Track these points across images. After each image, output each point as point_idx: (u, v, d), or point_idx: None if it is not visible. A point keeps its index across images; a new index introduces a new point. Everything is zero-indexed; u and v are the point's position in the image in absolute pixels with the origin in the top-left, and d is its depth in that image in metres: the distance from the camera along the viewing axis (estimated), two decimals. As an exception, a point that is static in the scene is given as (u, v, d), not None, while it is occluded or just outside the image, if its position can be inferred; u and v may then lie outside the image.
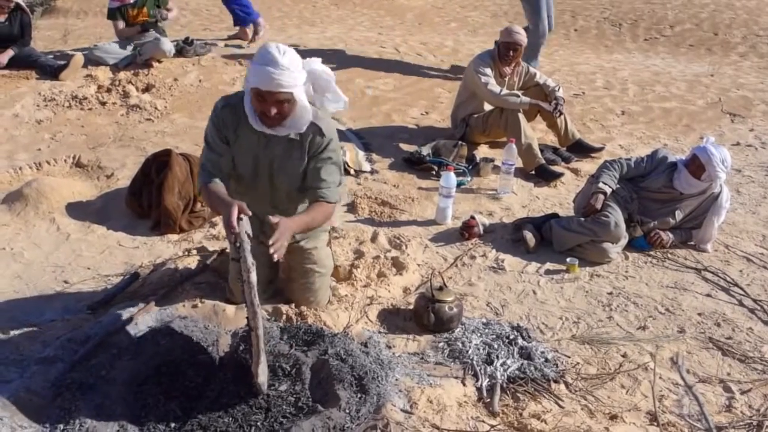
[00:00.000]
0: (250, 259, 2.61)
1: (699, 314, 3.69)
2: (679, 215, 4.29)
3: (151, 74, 6.69)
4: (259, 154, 3.10)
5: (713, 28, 10.83)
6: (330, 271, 3.56)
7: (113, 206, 4.59)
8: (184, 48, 7.31)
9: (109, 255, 4.08)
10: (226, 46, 8.01)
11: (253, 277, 2.60)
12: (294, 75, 2.82)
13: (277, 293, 3.51)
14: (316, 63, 3.03)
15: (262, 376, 2.69)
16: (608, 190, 4.19)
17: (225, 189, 3.07)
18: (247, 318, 2.67)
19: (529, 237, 4.22)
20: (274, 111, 2.89)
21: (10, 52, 6.58)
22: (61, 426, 2.59)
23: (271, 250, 2.67)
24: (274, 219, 2.75)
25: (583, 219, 4.18)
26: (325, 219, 3.14)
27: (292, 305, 3.43)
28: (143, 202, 4.42)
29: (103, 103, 6.18)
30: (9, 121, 5.83)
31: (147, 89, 6.45)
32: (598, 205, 4.14)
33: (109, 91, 6.40)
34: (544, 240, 4.28)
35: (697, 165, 4.12)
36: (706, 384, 3.15)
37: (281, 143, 3.07)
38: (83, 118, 5.96)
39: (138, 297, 3.48)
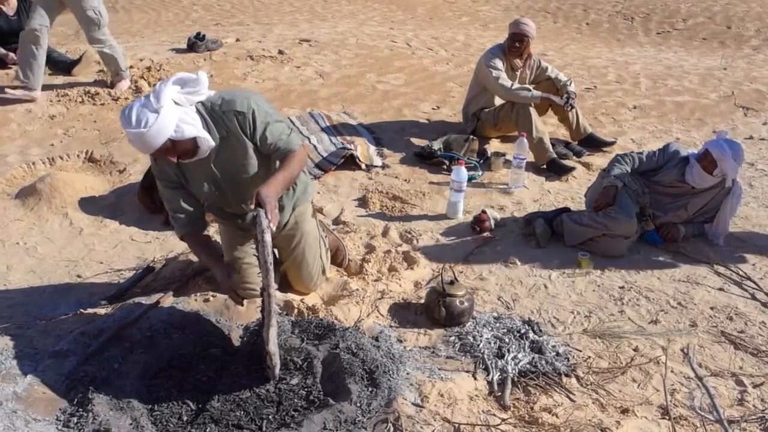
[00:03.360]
0: (265, 223, 2.63)
1: (711, 308, 3.67)
2: (691, 209, 4.26)
3: (163, 69, 6.72)
4: (213, 171, 3.06)
5: (726, 21, 10.77)
6: (317, 243, 3.54)
7: (126, 201, 4.62)
8: (195, 43, 7.34)
9: (122, 249, 4.10)
10: (237, 40, 8.02)
11: (267, 237, 2.62)
12: (153, 130, 2.71)
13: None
14: (168, 87, 2.79)
15: (273, 345, 2.70)
16: (619, 184, 4.17)
17: (205, 239, 3.19)
18: (262, 280, 2.70)
19: (540, 231, 4.21)
20: (174, 156, 2.87)
21: (24, 48, 6.61)
22: (75, 419, 2.62)
23: (271, 225, 2.68)
24: (253, 196, 2.72)
25: (594, 213, 4.16)
26: (301, 165, 3.08)
27: (303, 299, 3.45)
28: (155, 197, 4.43)
29: (116, 99, 6.20)
30: (22, 116, 5.87)
31: (159, 84, 6.47)
32: (610, 200, 4.13)
33: (121, 86, 6.42)
34: (555, 234, 4.27)
35: (709, 160, 4.09)
36: (718, 378, 3.13)
37: (219, 150, 3.00)
38: (96, 113, 5.99)
39: (151, 291, 3.51)
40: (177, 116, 2.78)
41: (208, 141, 2.89)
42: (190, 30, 8.74)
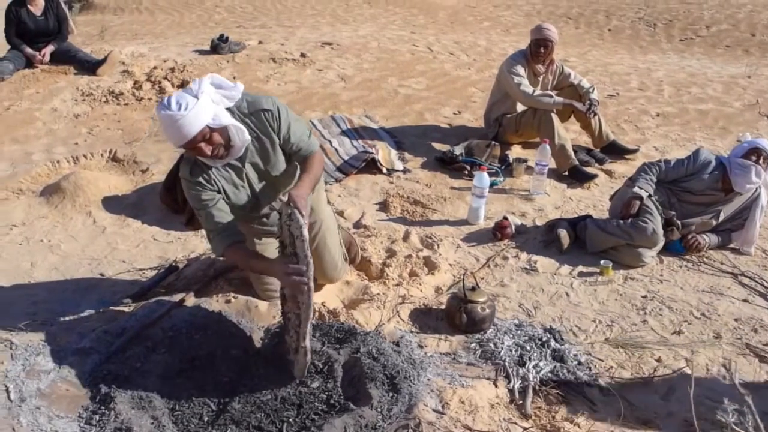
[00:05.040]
0: (301, 219, 2.65)
1: (735, 320, 3.63)
2: (722, 216, 4.22)
3: (186, 70, 6.75)
4: (246, 174, 3.06)
5: (750, 29, 10.67)
6: (336, 227, 3.56)
7: (148, 201, 4.64)
8: (218, 45, 7.37)
9: (144, 249, 4.12)
10: (260, 43, 8.05)
11: (305, 231, 2.65)
12: (191, 114, 2.72)
13: None
14: (206, 82, 2.86)
15: (309, 340, 2.73)
16: (644, 195, 4.13)
17: (246, 247, 3.09)
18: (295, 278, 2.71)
19: (563, 235, 4.18)
20: (208, 150, 2.83)
21: (51, 48, 6.71)
22: (97, 417, 2.63)
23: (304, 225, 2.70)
24: (284, 197, 2.74)
25: (621, 221, 4.12)
26: (321, 166, 3.17)
27: (324, 303, 3.45)
28: (178, 197, 4.45)
29: (139, 99, 6.25)
30: (48, 115, 5.93)
31: (182, 85, 6.52)
32: (633, 211, 4.09)
33: (144, 87, 6.47)
34: (578, 239, 4.24)
35: (765, 157, 4.10)
36: (743, 390, 3.09)
37: (252, 150, 3.02)
38: (119, 113, 6.04)
39: (173, 291, 3.52)
40: (214, 107, 2.82)
41: (243, 133, 2.89)
42: (212, 32, 8.79)
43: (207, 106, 2.78)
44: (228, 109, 2.92)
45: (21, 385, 2.76)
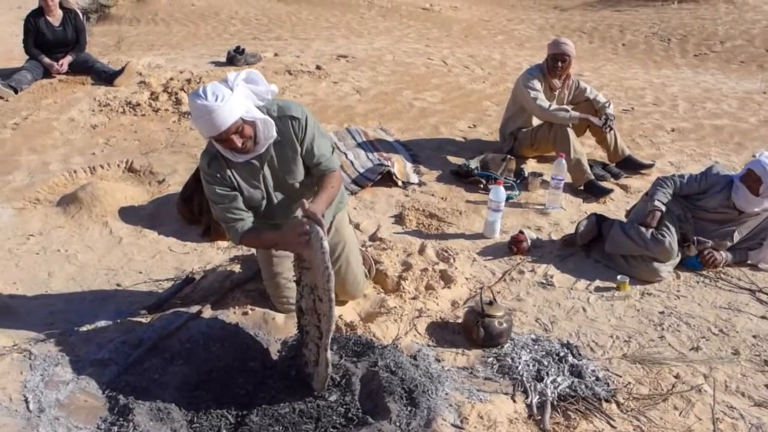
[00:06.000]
0: (321, 232, 2.68)
1: (754, 336, 3.60)
2: (737, 236, 4.20)
3: (202, 82, 6.79)
4: (263, 176, 3.10)
5: (765, 45, 10.63)
6: (357, 248, 3.60)
7: (164, 211, 4.67)
8: (234, 57, 7.42)
9: (160, 260, 4.14)
10: (276, 55, 8.10)
11: (326, 243, 2.67)
12: (227, 106, 2.76)
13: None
14: (242, 77, 2.93)
15: (330, 353, 2.74)
16: (664, 209, 4.12)
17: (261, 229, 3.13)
18: (314, 289, 2.77)
19: (584, 230, 4.24)
20: (239, 142, 2.87)
21: (69, 58, 6.77)
22: (116, 428, 2.64)
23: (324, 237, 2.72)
24: (303, 207, 2.76)
25: (642, 229, 4.10)
26: (339, 185, 3.20)
27: (341, 315, 3.45)
28: (194, 208, 4.49)
29: (156, 110, 6.29)
30: (65, 125, 5.98)
31: (198, 97, 6.54)
32: (654, 223, 4.08)
33: (161, 98, 6.51)
34: (599, 237, 4.25)
35: (753, 179, 4.02)
36: (762, 408, 3.07)
37: (272, 154, 3.06)
38: (136, 123, 6.08)
39: (189, 302, 3.53)
40: (246, 101, 2.86)
41: (270, 129, 2.93)
42: (228, 43, 8.84)
43: (241, 98, 2.83)
44: (257, 107, 2.96)
45: (40, 395, 2.77)
